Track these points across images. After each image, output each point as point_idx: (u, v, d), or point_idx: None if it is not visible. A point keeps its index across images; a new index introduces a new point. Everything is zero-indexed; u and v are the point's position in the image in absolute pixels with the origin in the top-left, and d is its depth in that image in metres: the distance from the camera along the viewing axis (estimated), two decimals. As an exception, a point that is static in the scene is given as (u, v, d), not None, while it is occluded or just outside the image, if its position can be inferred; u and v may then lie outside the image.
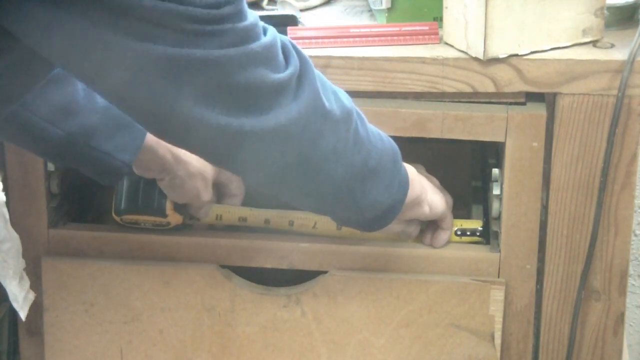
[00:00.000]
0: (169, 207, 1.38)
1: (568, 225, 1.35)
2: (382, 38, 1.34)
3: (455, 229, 1.40)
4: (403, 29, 1.35)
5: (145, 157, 1.32)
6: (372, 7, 1.43)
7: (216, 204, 1.41)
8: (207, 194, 1.38)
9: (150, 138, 1.31)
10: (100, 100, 1.27)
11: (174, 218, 1.39)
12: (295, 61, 1.07)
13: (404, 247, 1.39)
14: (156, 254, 1.40)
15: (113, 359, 1.43)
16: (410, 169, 1.29)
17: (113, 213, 1.39)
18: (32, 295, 1.37)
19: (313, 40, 1.33)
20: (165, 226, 1.40)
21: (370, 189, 1.20)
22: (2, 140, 1.33)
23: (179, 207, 1.39)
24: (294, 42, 1.10)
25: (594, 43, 1.33)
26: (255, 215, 1.41)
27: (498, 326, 1.37)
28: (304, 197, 1.19)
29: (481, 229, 1.40)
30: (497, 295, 1.36)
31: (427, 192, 1.33)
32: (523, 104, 1.33)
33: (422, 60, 1.31)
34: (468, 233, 1.40)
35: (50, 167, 1.41)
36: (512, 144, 1.32)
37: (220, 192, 1.43)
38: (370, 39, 1.34)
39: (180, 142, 1.09)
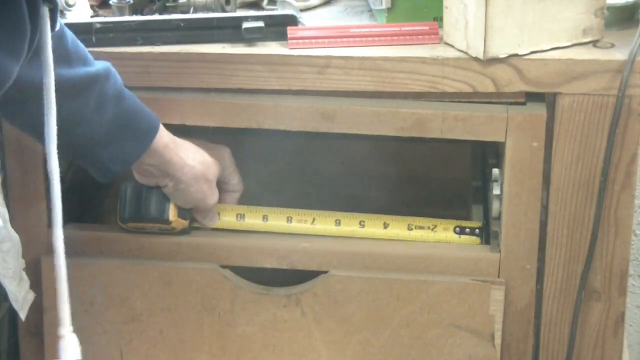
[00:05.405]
0: (172, 213, 1.38)
1: (568, 225, 1.35)
2: (382, 38, 1.34)
3: (454, 226, 1.40)
4: (403, 29, 1.35)
5: (150, 161, 1.31)
6: (372, 7, 1.43)
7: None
8: (213, 198, 1.38)
9: (158, 143, 1.30)
10: (111, 112, 1.27)
11: (178, 223, 1.39)
12: None
13: (404, 247, 1.39)
14: (156, 254, 1.40)
15: (113, 359, 1.43)
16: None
17: (118, 220, 1.39)
18: (32, 295, 1.37)
19: (313, 40, 1.33)
20: (171, 231, 1.40)
21: None
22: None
23: (182, 212, 1.39)
24: None
25: (594, 43, 1.33)
26: (253, 212, 1.42)
27: (498, 326, 1.37)
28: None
29: (480, 227, 1.40)
30: (497, 295, 1.36)
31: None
32: (523, 104, 1.33)
33: (422, 60, 1.31)
34: (467, 230, 1.40)
35: (51, 167, 1.41)
36: (512, 144, 1.32)
37: (219, 188, 1.43)
38: (370, 39, 1.34)
39: None
